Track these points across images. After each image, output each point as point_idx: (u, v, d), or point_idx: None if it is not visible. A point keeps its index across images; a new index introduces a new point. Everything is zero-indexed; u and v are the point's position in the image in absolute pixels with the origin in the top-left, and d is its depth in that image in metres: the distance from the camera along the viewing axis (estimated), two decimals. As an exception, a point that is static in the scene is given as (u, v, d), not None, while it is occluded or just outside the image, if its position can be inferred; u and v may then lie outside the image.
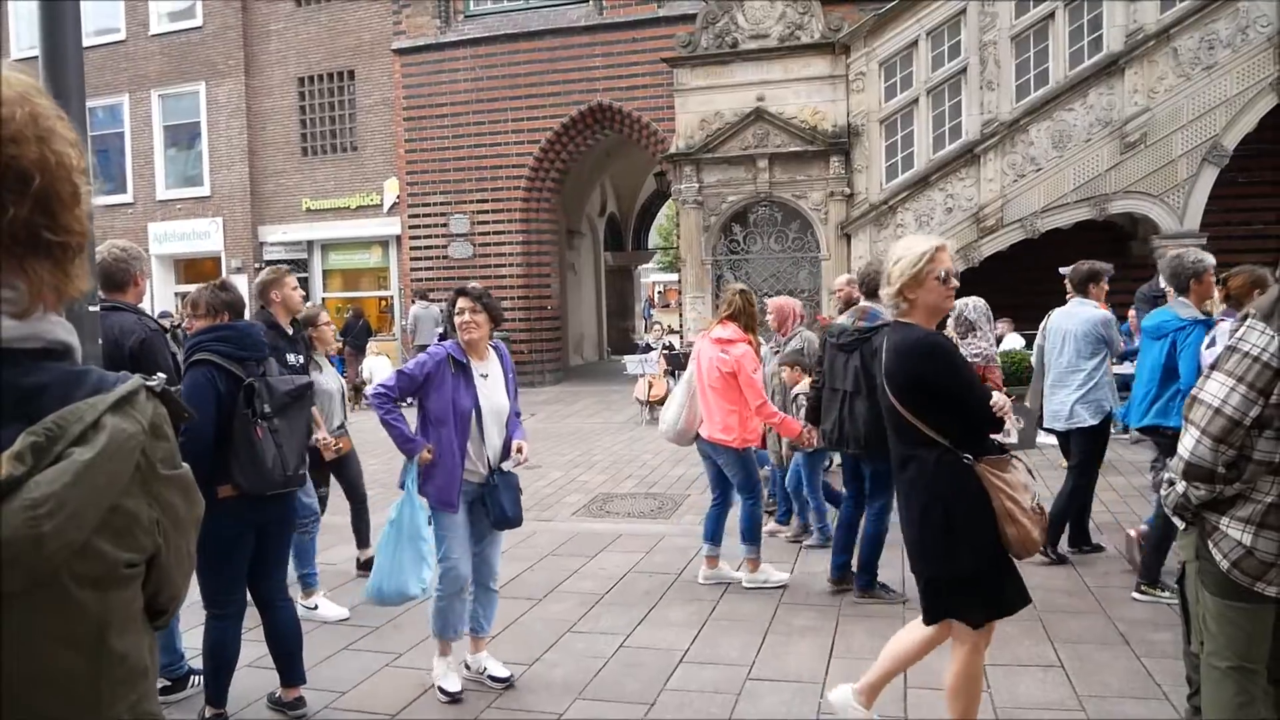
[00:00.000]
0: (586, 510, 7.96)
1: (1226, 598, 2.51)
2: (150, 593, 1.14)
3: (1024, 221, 12.23)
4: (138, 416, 1.07)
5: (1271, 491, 2.40)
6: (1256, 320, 2.41)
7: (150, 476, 1.09)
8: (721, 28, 13.51)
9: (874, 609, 5.26)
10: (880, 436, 5.10)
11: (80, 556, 1.01)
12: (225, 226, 19.61)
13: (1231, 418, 2.37)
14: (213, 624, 3.77)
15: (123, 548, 1.06)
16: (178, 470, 1.15)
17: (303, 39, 18.80)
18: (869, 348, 5.18)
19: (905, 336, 3.22)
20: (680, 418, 5.88)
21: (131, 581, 1.09)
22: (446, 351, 4.10)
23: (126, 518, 1.06)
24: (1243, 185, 12.37)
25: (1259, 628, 2.51)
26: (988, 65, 12.48)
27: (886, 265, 3.30)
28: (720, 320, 5.74)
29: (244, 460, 3.58)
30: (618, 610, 5.35)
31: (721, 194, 13.67)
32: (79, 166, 1.09)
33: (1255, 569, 2.43)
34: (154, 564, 1.12)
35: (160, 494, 1.11)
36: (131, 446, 1.06)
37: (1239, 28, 11.47)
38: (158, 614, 1.17)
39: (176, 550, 1.15)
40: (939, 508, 3.10)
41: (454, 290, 4.25)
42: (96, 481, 1.01)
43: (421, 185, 17.56)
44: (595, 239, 22.95)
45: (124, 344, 3.88)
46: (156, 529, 1.11)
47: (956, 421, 3.13)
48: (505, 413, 4.21)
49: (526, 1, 16.95)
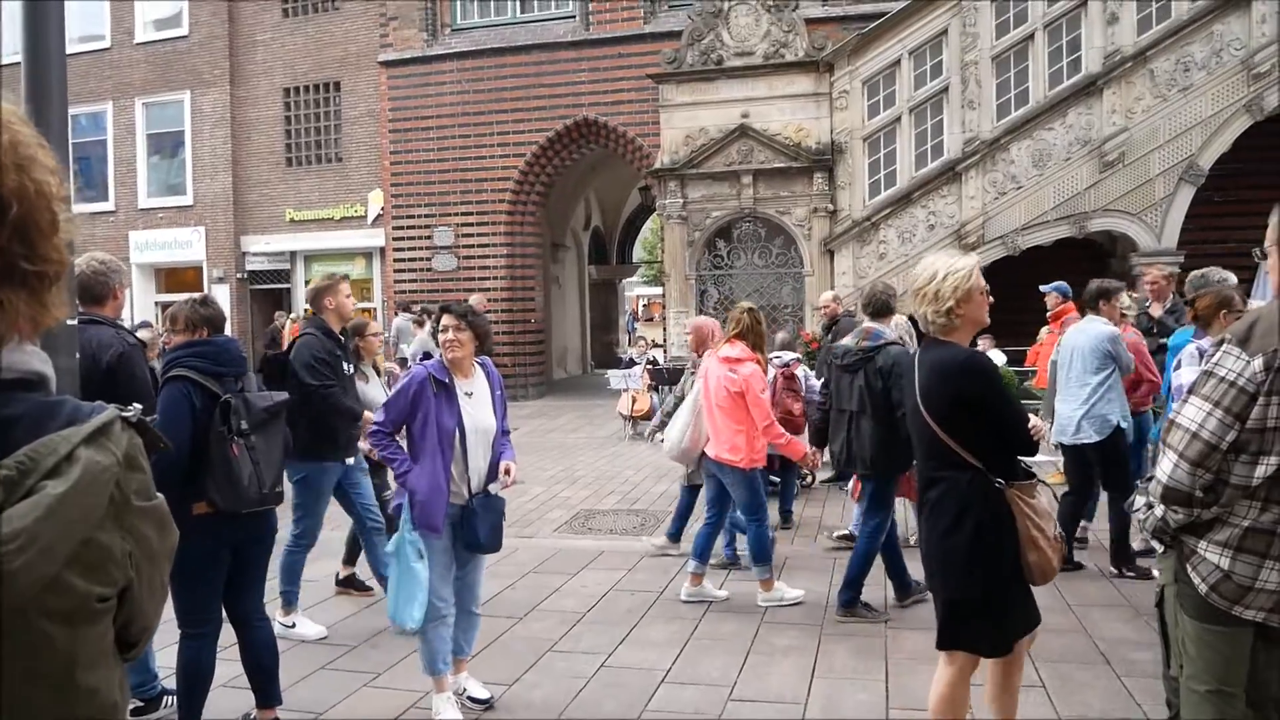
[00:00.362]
0: (568, 527, 7.93)
1: (1205, 621, 2.52)
2: (121, 625, 1.12)
3: (1005, 239, 12.33)
4: (112, 448, 1.06)
5: (1248, 515, 2.41)
6: (1232, 345, 2.41)
7: (124, 509, 1.07)
8: (707, 45, 13.59)
9: (856, 628, 5.26)
10: (888, 456, 5.26)
11: (51, 591, 0.99)
12: (208, 236, 19.52)
13: (1208, 442, 2.38)
14: (186, 643, 3.71)
15: (95, 582, 1.04)
16: (152, 501, 1.13)
17: (289, 49, 18.78)
18: (872, 367, 5.25)
19: (946, 355, 3.18)
20: (685, 436, 5.88)
21: (103, 616, 1.08)
22: (427, 371, 4.06)
23: (99, 551, 1.04)
24: (1218, 204, 12.50)
25: (1237, 651, 2.51)
26: (969, 85, 12.60)
27: (928, 285, 3.20)
28: (728, 339, 5.71)
29: (220, 477, 3.54)
30: (599, 629, 5.32)
31: (706, 209, 13.72)
32: (59, 194, 1.08)
33: (1233, 593, 2.44)
34: (126, 596, 1.11)
35: (134, 526, 1.09)
36: (106, 479, 1.04)
37: (1213, 50, 11.63)
38: (128, 646, 1.15)
39: (149, 582, 1.14)
40: (966, 529, 3.08)
41: (439, 307, 4.23)
42: (69, 515, 0.99)
43: (406, 197, 17.54)
44: (580, 252, 22.96)
45: (101, 358, 3.84)
46: (129, 562, 1.09)
47: (992, 443, 3.11)
48: (492, 432, 4.16)
49: (513, 16, 16.99)
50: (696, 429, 5.82)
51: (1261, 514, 2.39)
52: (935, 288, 3.18)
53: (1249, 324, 2.42)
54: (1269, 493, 2.38)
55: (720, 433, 5.61)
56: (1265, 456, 2.35)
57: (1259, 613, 2.44)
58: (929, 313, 3.21)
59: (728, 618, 5.51)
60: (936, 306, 3.18)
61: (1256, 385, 2.33)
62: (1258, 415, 2.33)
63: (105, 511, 1.04)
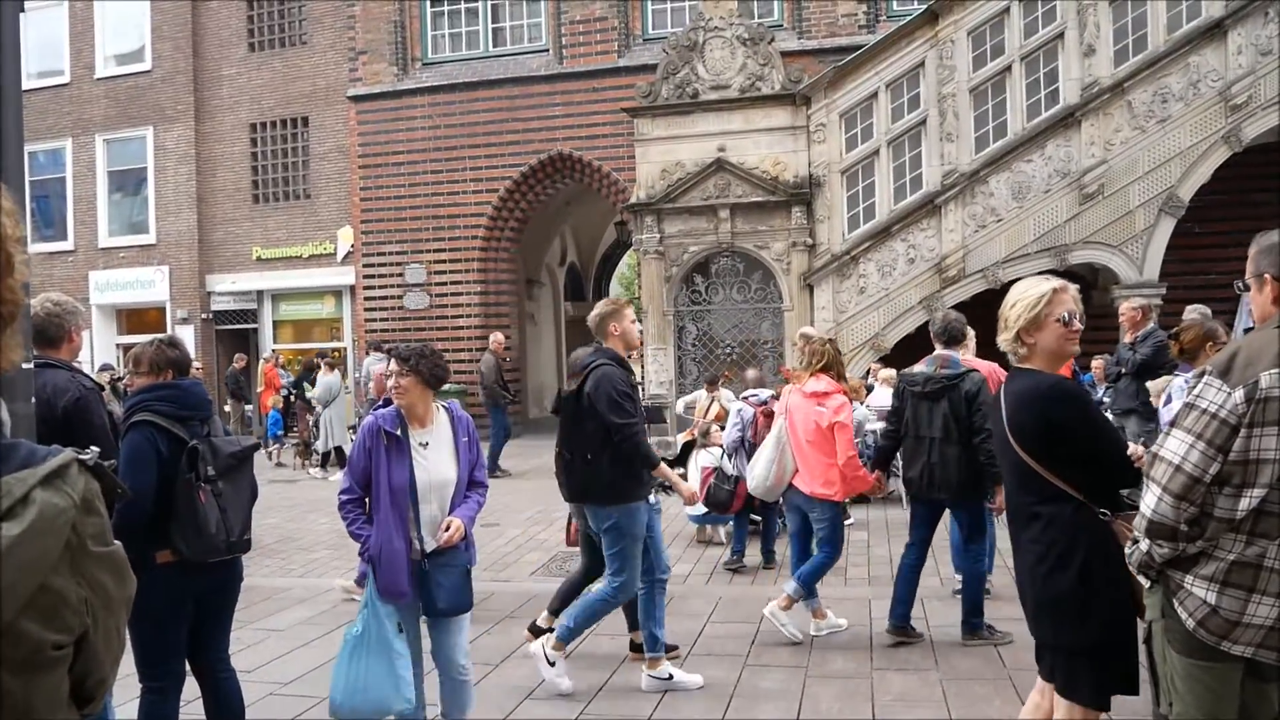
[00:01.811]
0: (545, 570, 7.62)
1: (1193, 657, 2.49)
2: (77, 677, 1.10)
3: (986, 271, 12.22)
4: (69, 491, 1.05)
5: (1234, 549, 2.40)
6: (1213, 377, 2.41)
7: (80, 554, 1.07)
8: (682, 78, 13.47)
9: (839, 668, 5.15)
10: (975, 481, 5.33)
11: (5, 638, 0.98)
12: (171, 275, 19.10)
13: (1192, 475, 2.38)
14: (148, 697, 3.55)
15: (50, 629, 1.03)
16: (109, 548, 1.12)
17: (255, 84, 18.54)
18: (957, 394, 5.35)
19: (1031, 383, 3.06)
20: (770, 473, 5.82)
21: (59, 665, 1.07)
22: (376, 422, 3.76)
23: (54, 597, 1.04)
24: (1199, 235, 12.49)
25: (1226, 687, 2.48)
26: (947, 117, 12.55)
27: (1003, 310, 3.15)
28: (812, 373, 5.72)
29: (186, 525, 3.40)
30: (578, 675, 5.08)
31: (683, 244, 13.53)
32: (14, 235, 1.10)
33: (1221, 627, 2.42)
34: (82, 646, 1.09)
35: (90, 572, 1.09)
36: (62, 523, 1.04)
37: (1190, 82, 11.66)
38: (85, 700, 1.13)
39: (106, 631, 1.13)
40: (1074, 568, 2.89)
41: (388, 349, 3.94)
42: (25, 558, 0.99)
43: (377, 234, 17.25)
44: (555, 289, 22.72)
45: (56, 404, 3.64)
46: (86, 609, 1.08)
47: (1089, 473, 2.96)
48: (450, 485, 3.79)
49: (485, 50, 16.88)
50: (781, 465, 5.79)
51: (1247, 547, 2.39)
52: (1004, 313, 3.12)
53: (1229, 355, 2.43)
54: (1254, 525, 2.38)
55: (812, 468, 5.62)
56: (1249, 489, 2.36)
57: (1247, 648, 2.42)
58: (1005, 340, 3.16)
59: (712, 661, 5.33)
60: (1006, 334, 3.11)
61: (1238, 417, 2.34)
62: (1240, 447, 2.35)
63: (61, 556, 1.04)
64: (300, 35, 18.41)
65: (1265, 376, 2.32)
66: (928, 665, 5.15)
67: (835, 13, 15.37)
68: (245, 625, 5.87)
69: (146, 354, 3.73)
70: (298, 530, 9.67)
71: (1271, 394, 2.31)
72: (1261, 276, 2.53)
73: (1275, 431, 2.31)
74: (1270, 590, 2.36)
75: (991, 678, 4.93)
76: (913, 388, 5.63)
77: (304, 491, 12.43)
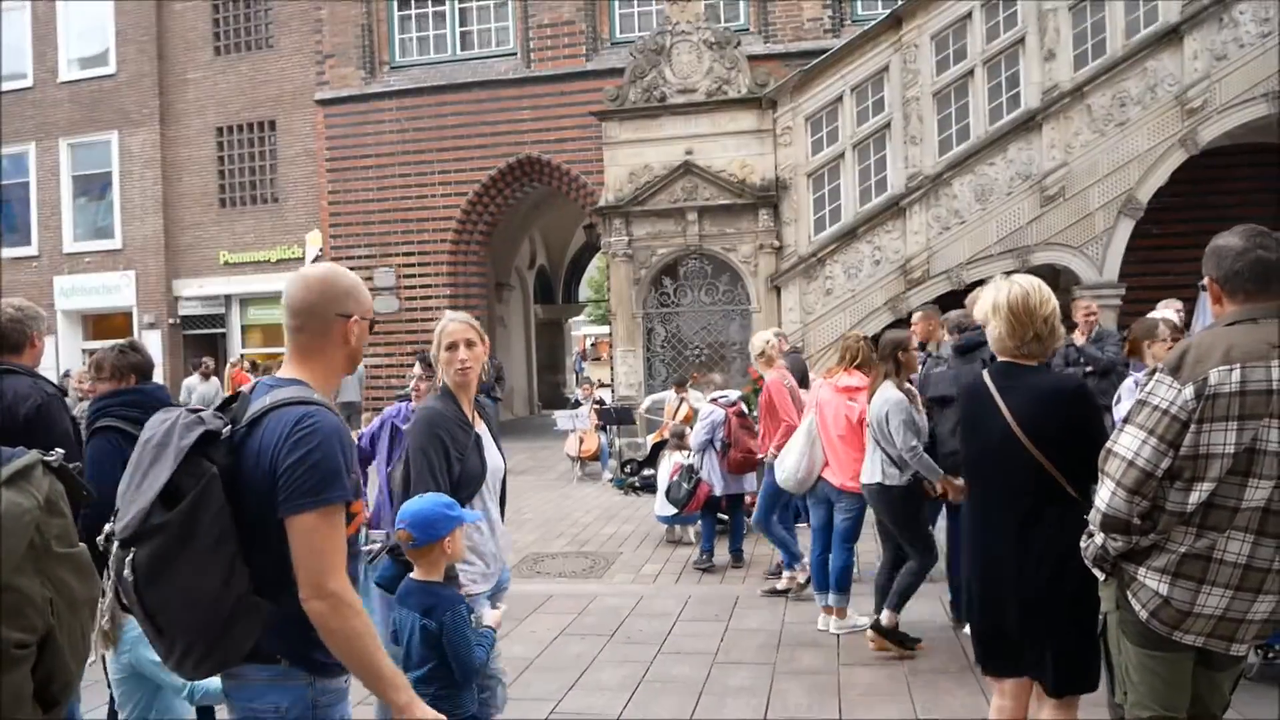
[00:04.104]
0: (517, 571, 7.62)
1: (1146, 647, 2.57)
2: (41, 679, 1.08)
3: (950, 273, 12.36)
4: (33, 491, 1.05)
5: (1185, 542, 2.47)
6: (1164, 374, 2.49)
7: (44, 555, 1.06)
8: (649, 81, 13.53)
9: (806, 664, 5.19)
10: None
11: None
12: (138, 280, 18.91)
13: (1144, 469, 2.45)
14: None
15: (14, 627, 1.02)
16: (74, 549, 1.13)
17: (221, 88, 18.40)
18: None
19: (1053, 382, 3.07)
20: (801, 466, 5.91)
21: (21, 663, 1.04)
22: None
23: (18, 596, 1.02)
24: (1157, 236, 12.70)
25: (1179, 676, 2.57)
26: (911, 120, 12.69)
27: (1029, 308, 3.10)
28: (845, 368, 5.82)
29: None
30: (548, 675, 5.14)
31: (651, 247, 13.58)
32: None
33: (1172, 618, 2.50)
34: (46, 646, 1.08)
35: (54, 573, 1.08)
36: (26, 522, 1.03)
37: (1148, 86, 11.86)
38: (50, 704, 1.11)
39: (70, 632, 1.12)
40: (1082, 569, 2.83)
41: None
42: None
43: (345, 238, 17.18)
44: (525, 292, 22.72)
45: (18, 411, 3.61)
46: (50, 609, 1.07)
47: (1089, 475, 2.91)
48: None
49: (453, 53, 16.85)
50: (811, 458, 5.88)
51: (1197, 540, 2.47)
52: (1034, 311, 3.08)
53: (1180, 353, 2.51)
54: (1204, 519, 2.45)
55: (842, 461, 5.71)
56: (1199, 483, 2.43)
57: (1198, 637, 2.51)
58: (1025, 339, 3.11)
59: (679, 660, 5.36)
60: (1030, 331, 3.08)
61: (1188, 413, 2.42)
62: (1190, 442, 2.42)
63: (25, 556, 1.02)
64: (266, 39, 18.30)
65: (1214, 373, 2.39)
66: (893, 661, 5.22)
67: (801, 17, 15.53)
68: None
69: (108, 359, 3.72)
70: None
71: (1220, 390, 2.38)
72: (1206, 278, 2.63)
73: (1224, 427, 2.38)
74: (1219, 581, 2.44)
75: (956, 671, 5.01)
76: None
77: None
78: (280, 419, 2.09)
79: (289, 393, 2.14)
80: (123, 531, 1.81)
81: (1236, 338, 2.45)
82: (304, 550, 2.02)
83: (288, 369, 2.27)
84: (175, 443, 1.99)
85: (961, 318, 6.09)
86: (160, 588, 1.85)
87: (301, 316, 2.27)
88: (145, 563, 1.82)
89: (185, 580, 1.88)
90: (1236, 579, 2.43)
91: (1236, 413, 2.38)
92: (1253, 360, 2.40)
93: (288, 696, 2.11)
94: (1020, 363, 3.13)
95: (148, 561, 1.82)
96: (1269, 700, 4.28)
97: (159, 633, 1.93)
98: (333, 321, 2.29)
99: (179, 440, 1.99)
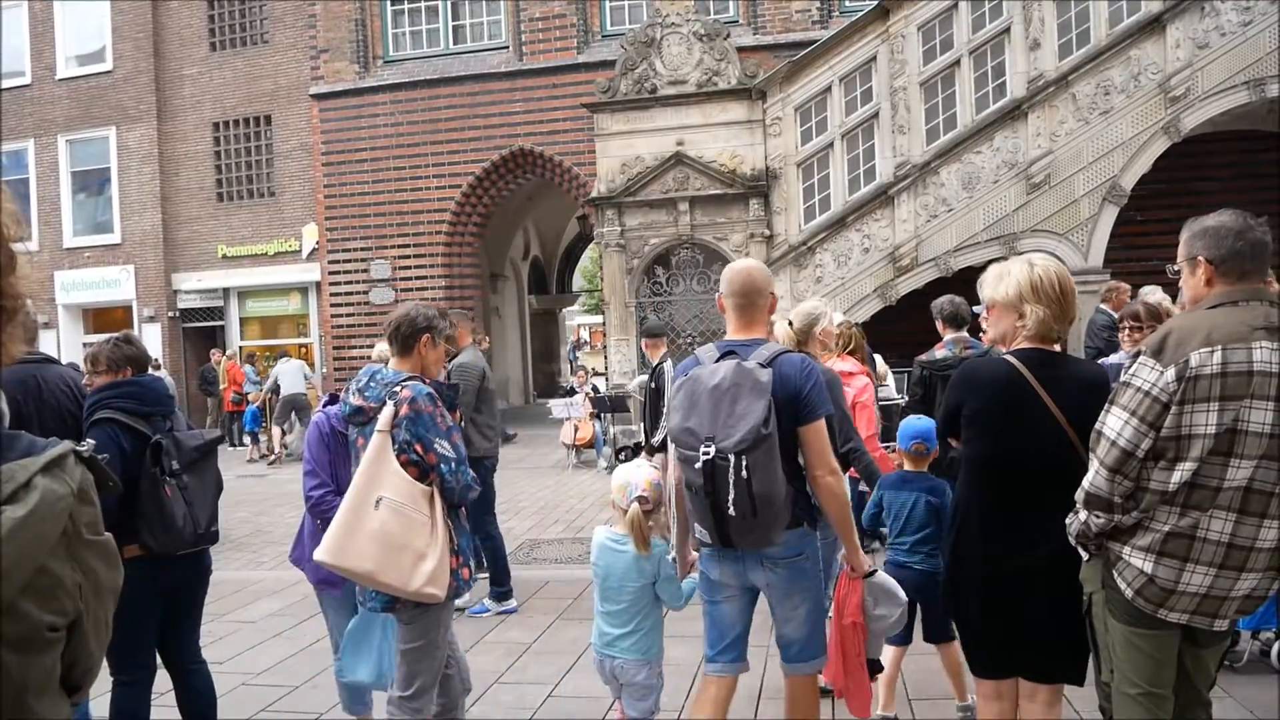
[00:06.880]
0: (513, 558, 7.78)
1: (1132, 625, 2.61)
2: (68, 663, 1.13)
3: (938, 260, 12.54)
4: (67, 480, 1.10)
5: (1168, 520, 2.52)
6: (1147, 356, 2.54)
7: (76, 541, 1.10)
8: (640, 73, 13.69)
9: None
10: None
11: (6, 617, 1.02)
12: (137, 274, 19.06)
13: (1125, 449, 2.50)
14: (120, 691, 3.59)
15: (47, 610, 1.07)
16: (101, 537, 1.16)
17: (217, 84, 18.52)
18: None
19: (1097, 372, 3.01)
20: None
21: (53, 646, 1.10)
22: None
23: (51, 580, 1.07)
24: (1141, 223, 12.89)
25: (1164, 654, 2.62)
26: (899, 110, 12.86)
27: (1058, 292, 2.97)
28: (839, 354, 5.73)
29: (153, 520, 3.46)
30: (546, 659, 5.27)
31: (644, 237, 13.76)
32: (15, 235, 1.17)
33: (1157, 596, 2.54)
34: (74, 631, 1.13)
35: (84, 559, 1.12)
36: (61, 509, 1.07)
37: (1131, 75, 12.03)
38: (73, 689, 1.16)
39: (96, 618, 1.16)
40: None
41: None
42: (27, 541, 1.02)
43: (341, 230, 17.32)
44: (519, 282, 22.88)
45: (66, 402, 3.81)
46: (79, 594, 1.12)
47: None
48: None
49: (446, 47, 16.97)
50: None
51: (1181, 519, 2.51)
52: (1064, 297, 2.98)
53: (1162, 336, 2.55)
54: (1187, 498, 2.49)
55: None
56: (1181, 463, 2.47)
57: (1183, 615, 2.54)
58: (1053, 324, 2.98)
59: (675, 643, 5.41)
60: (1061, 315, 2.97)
61: (1169, 395, 2.46)
62: (1171, 423, 2.46)
63: (58, 541, 1.08)
64: (261, 34, 18.40)
65: (1195, 356, 2.44)
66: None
67: (789, 8, 15.66)
68: (217, 618, 6.00)
69: (104, 352, 3.76)
70: (268, 523, 9.85)
71: (1201, 372, 2.43)
72: (1195, 259, 2.63)
73: (1205, 408, 2.44)
74: (1203, 559, 2.49)
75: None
76: (940, 372, 5.54)
77: (273, 485, 12.57)
78: (789, 361, 3.18)
79: (777, 345, 3.33)
80: (738, 445, 2.96)
81: (1218, 320, 2.49)
82: (821, 442, 3.16)
83: (743, 332, 3.35)
84: (756, 383, 3.04)
85: (946, 303, 6.01)
86: (762, 477, 2.97)
87: (751, 295, 3.36)
88: (758, 462, 2.96)
89: (775, 474, 3.00)
90: (1220, 557, 2.47)
91: (1218, 394, 2.42)
92: (1234, 342, 2.44)
93: (808, 546, 3.30)
94: (1051, 350, 2.96)
95: (761, 461, 2.97)
96: (1264, 685, 4.36)
97: (753, 513, 2.99)
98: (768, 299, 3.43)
99: (759, 381, 3.05)
